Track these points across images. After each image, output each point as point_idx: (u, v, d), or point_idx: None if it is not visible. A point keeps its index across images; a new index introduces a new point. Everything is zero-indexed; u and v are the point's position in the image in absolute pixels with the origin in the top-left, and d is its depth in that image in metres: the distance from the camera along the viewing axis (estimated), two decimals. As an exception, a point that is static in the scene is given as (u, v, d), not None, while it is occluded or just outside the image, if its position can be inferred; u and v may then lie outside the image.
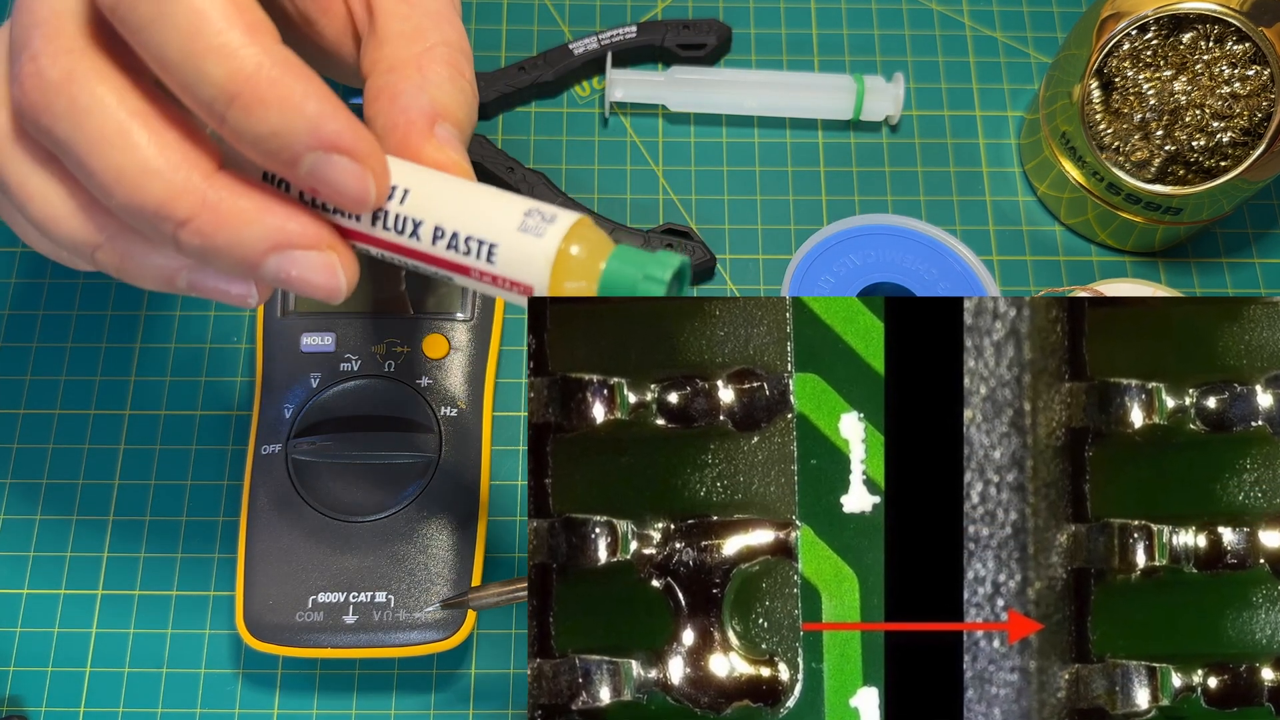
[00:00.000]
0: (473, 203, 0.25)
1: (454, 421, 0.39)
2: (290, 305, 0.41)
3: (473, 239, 0.25)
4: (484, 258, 0.25)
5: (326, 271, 0.25)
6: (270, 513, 0.38)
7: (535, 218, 0.25)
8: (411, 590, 0.37)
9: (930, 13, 0.51)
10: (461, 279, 0.26)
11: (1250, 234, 0.47)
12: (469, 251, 0.25)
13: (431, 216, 0.25)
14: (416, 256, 0.26)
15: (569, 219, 0.25)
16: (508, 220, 0.25)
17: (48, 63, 0.24)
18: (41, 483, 0.42)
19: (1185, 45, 0.40)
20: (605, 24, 0.50)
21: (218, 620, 0.40)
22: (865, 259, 0.40)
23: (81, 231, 0.26)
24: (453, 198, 0.26)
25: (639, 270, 0.24)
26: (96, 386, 0.43)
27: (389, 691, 0.39)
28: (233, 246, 0.25)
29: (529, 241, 0.25)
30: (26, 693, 0.39)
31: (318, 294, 0.26)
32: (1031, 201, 0.47)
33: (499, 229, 0.25)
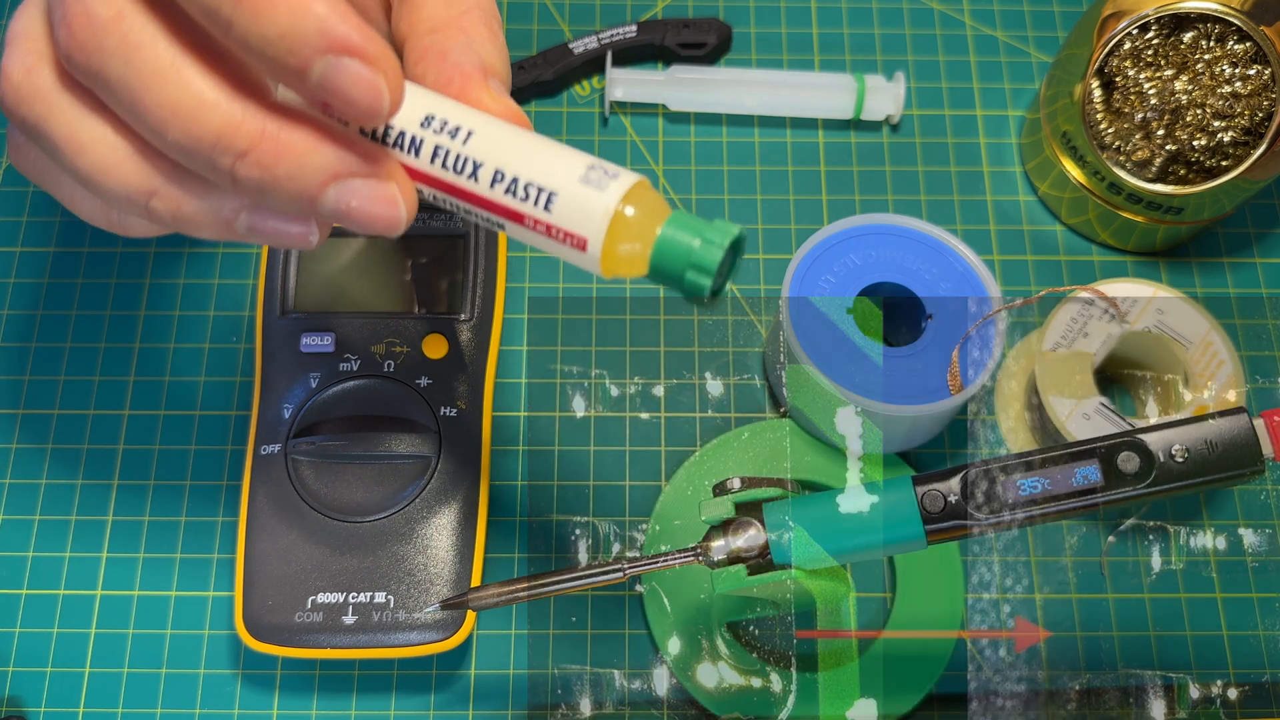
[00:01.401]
0: (536, 150, 0.25)
1: (454, 421, 0.39)
2: (290, 305, 0.41)
3: (532, 185, 0.25)
4: (541, 205, 0.25)
5: (387, 202, 0.25)
6: (269, 513, 0.38)
7: (598, 172, 0.25)
8: (411, 590, 0.37)
9: (931, 12, 0.50)
10: (514, 227, 0.25)
11: (1252, 233, 0.47)
12: (527, 198, 0.25)
13: (493, 159, 0.25)
14: (471, 199, 0.25)
15: (631, 178, 0.25)
16: (570, 170, 0.25)
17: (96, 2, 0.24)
18: (41, 483, 0.42)
19: (1186, 44, 0.40)
20: (605, 23, 0.50)
21: (217, 621, 0.40)
22: (865, 259, 0.40)
23: (135, 177, 0.25)
24: (516, 143, 0.25)
25: (696, 235, 0.24)
26: (96, 386, 0.43)
27: (388, 692, 0.39)
28: (293, 177, 0.24)
29: (589, 194, 0.24)
30: (26, 693, 0.39)
31: (377, 226, 0.25)
32: (1032, 201, 0.47)
33: (560, 178, 0.25)
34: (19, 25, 0.26)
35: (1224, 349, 0.40)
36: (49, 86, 0.25)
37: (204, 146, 0.24)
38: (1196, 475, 0.28)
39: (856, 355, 0.39)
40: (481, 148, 0.25)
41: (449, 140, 0.25)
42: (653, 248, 0.25)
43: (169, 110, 0.24)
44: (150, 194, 0.26)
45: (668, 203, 0.25)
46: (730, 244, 0.25)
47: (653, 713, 0.39)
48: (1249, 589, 0.41)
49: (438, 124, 0.25)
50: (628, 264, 0.25)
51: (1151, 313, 0.40)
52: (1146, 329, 0.40)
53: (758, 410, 0.43)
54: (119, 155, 0.25)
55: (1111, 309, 0.40)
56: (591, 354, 0.44)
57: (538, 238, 0.25)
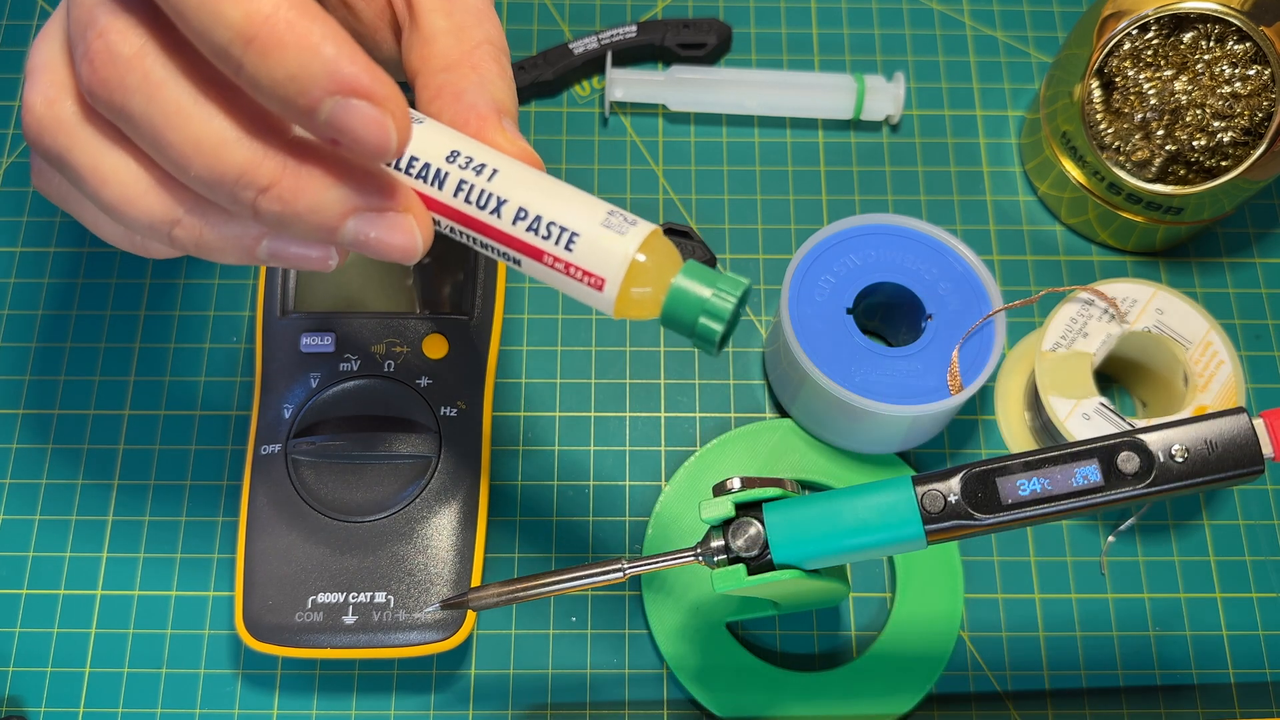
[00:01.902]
0: (559, 192, 0.26)
1: (454, 421, 0.39)
2: (290, 305, 0.40)
3: (555, 225, 0.26)
4: (563, 244, 0.26)
5: (404, 233, 0.26)
6: (270, 513, 0.38)
7: (618, 218, 0.26)
8: (411, 590, 0.37)
9: (931, 12, 0.50)
10: (531, 263, 0.26)
11: (1251, 233, 0.47)
12: (549, 236, 0.26)
13: (517, 197, 0.26)
14: (491, 234, 0.26)
15: (649, 226, 0.26)
16: (592, 214, 0.26)
17: (118, 38, 0.24)
18: (41, 483, 0.42)
19: (1186, 45, 0.40)
20: (605, 23, 0.50)
21: (217, 621, 0.40)
22: (865, 259, 0.40)
23: (158, 208, 0.26)
24: (540, 184, 0.26)
25: (709, 285, 0.26)
26: (96, 386, 0.43)
27: (389, 692, 0.39)
28: (313, 211, 0.25)
29: (610, 237, 0.26)
30: (26, 693, 0.39)
31: (394, 255, 0.26)
32: (1032, 201, 0.47)
33: (583, 220, 0.26)
34: (39, 57, 0.26)
35: (1224, 349, 0.40)
36: (71, 118, 0.26)
37: (226, 182, 0.24)
38: (1196, 475, 0.28)
39: (857, 355, 0.39)
40: (506, 185, 0.26)
41: (474, 176, 0.26)
42: (667, 294, 0.26)
43: (191, 147, 0.24)
44: (173, 223, 0.26)
45: (680, 253, 0.26)
46: (740, 296, 0.26)
47: (653, 713, 0.39)
48: (1249, 589, 0.41)
49: (463, 160, 0.26)
50: (640, 307, 0.26)
51: (1151, 313, 0.40)
52: (1146, 329, 0.40)
53: (758, 410, 0.43)
54: (142, 186, 0.26)
55: (1111, 309, 0.40)
56: (591, 354, 0.44)
57: (554, 275, 0.26)
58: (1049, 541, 0.42)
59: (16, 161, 0.47)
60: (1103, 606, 0.41)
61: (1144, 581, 0.41)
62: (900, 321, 0.42)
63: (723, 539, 0.29)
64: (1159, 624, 0.41)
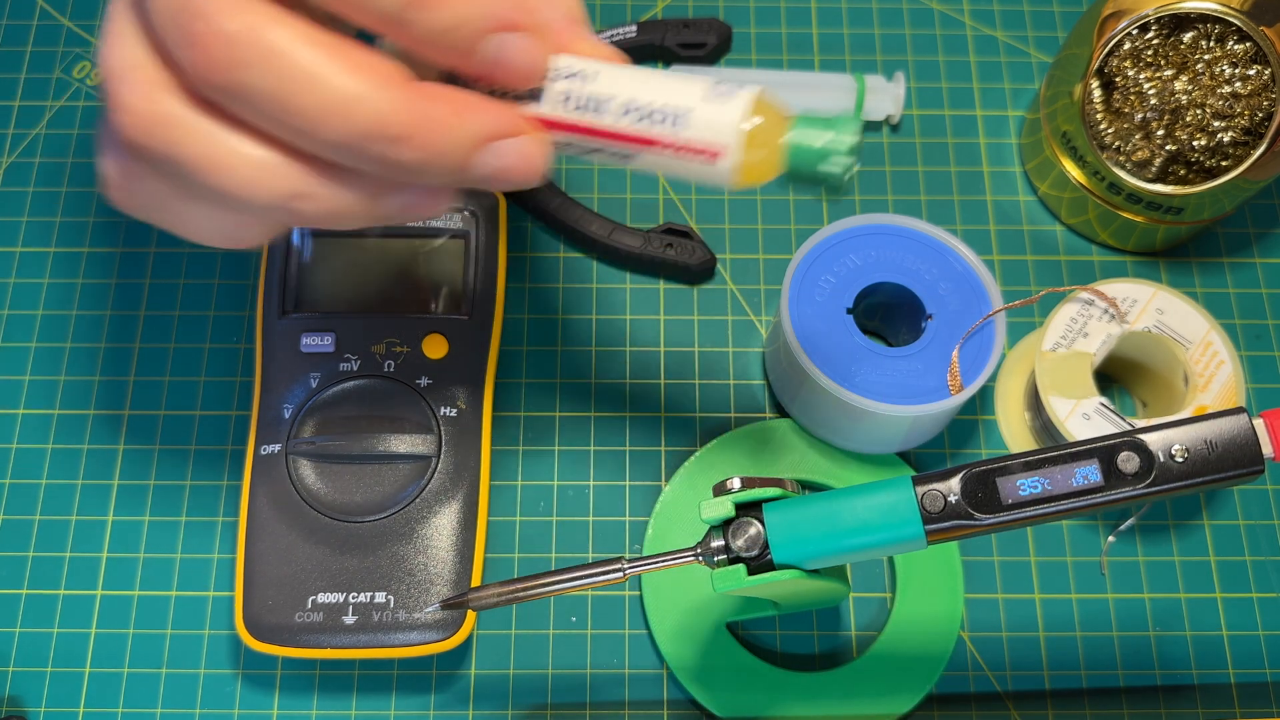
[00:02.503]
0: (658, 79, 0.27)
1: (454, 421, 0.39)
2: (290, 305, 0.41)
3: (662, 110, 0.27)
4: (673, 125, 0.27)
5: (529, 156, 0.27)
6: (270, 513, 0.38)
7: (722, 87, 0.27)
8: (411, 590, 0.37)
9: (931, 12, 0.50)
10: (644, 154, 0.27)
11: (1252, 233, 0.47)
12: (660, 121, 0.27)
13: (622, 93, 0.27)
14: (602, 134, 0.27)
15: (754, 88, 0.27)
16: (695, 89, 0.27)
17: (225, 18, 0.24)
18: (41, 483, 0.42)
19: (1186, 45, 0.40)
20: (605, 23, 0.50)
21: (217, 621, 0.40)
22: (865, 259, 0.40)
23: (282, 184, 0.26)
24: (638, 76, 0.27)
25: (826, 128, 0.26)
26: (96, 386, 0.43)
27: (389, 692, 0.39)
28: (445, 152, 0.25)
29: (719, 107, 0.26)
30: (26, 693, 0.39)
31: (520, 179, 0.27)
32: (1032, 201, 0.47)
33: (688, 97, 0.27)
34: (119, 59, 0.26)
35: (1224, 349, 0.40)
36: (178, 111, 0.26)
37: (358, 139, 0.25)
38: (1196, 475, 0.28)
39: (856, 355, 0.39)
40: (606, 85, 0.27)
41: (577, 85, 0.27)
42: (788, 148, 0.27)
43: (319, 111, 0.24)
44: (297, 196, 0.26)
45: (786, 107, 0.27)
46: (858, 129, 0.27)
47: (653, 713, 0.39)
48: (1249, 589, 0.41)
49: (562, 71, 0.27)
50: (759, 170, 0.27)
51: (1151, 313, 0.40)
52: (1146, 329, 0.40)
53: (758, 410, 0.43)
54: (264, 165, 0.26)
55: (1111, 309, 0.40)
56: (592, 353, 0.44)
57: (667, 160, 0.27)
58: (1049, 541, 0.42)
59: (17, 161, 0.47)
60: (1103, 606, 0.41)
61: (1144, 581, 0.41)
62: (900, 321, 0.42)
63: (723, 539, 0.29)
64: (1159, 624, 0.41)
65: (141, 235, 0.45)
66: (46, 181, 0.46)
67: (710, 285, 0.45)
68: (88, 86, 0.48)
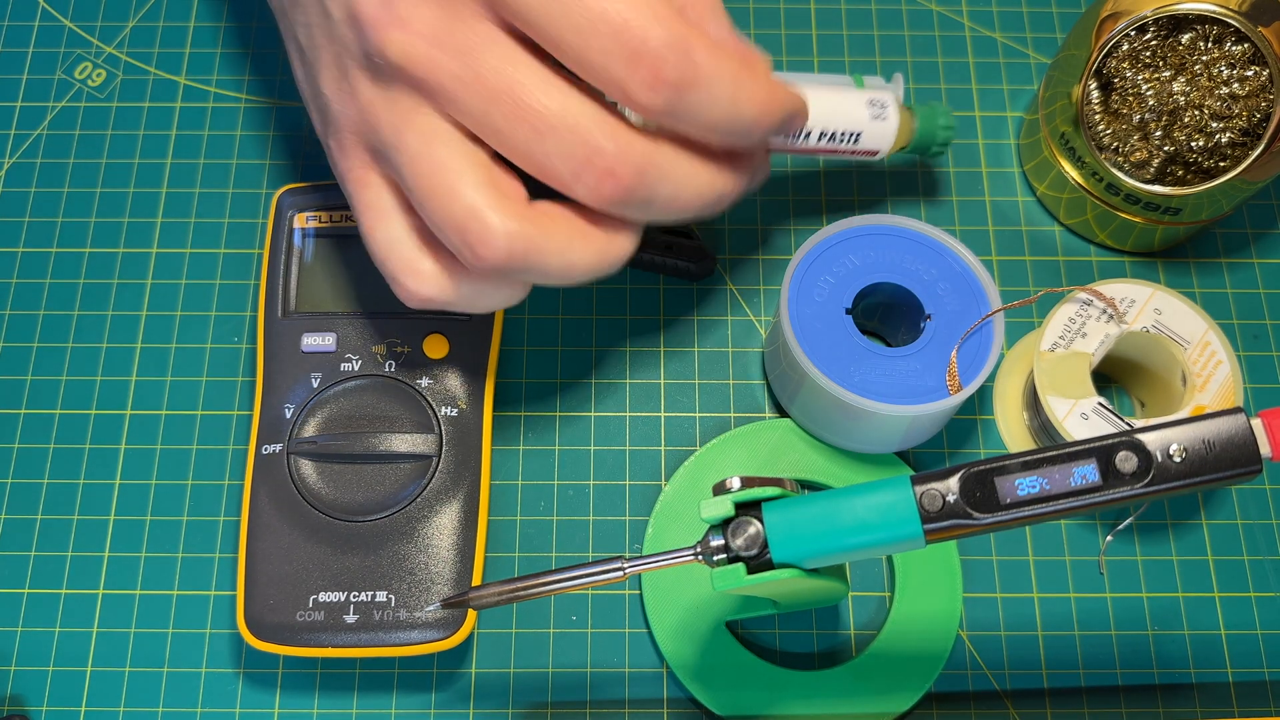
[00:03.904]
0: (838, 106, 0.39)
1: (454, 421, 0.39)
2: (291, 305, 0.41)
3: (843, 134, 0.39)
4: (850, 142, 0.39)
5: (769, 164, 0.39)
6: (271, 512, 0.38)
7: (876, 107, 0.39)
8: (412, 590, 0.37)
9: (930, 13, 0.51)
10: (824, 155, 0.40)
11: (1250, 234, 0.47)
12: (841, 140, 0.39)
13: (817, 124, 0.39)
14: (802, 151, 0.39)
15: (897, 104, 0.40)
16: (862, 114, 0.39)
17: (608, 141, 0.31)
18: (43, 483, 0.42)
19: (1184, 46, 0.40)
20: (605, 24, 0.50)
21: (218, 620, 0.40)
22: (865, 259, 0.40)
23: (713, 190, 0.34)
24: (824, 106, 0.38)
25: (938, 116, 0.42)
26: (97, 386, 0.43)
27: (389, 691, 0.39)
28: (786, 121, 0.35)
29: (880, 125, 0.40)
30: (27, 692, 0.39)
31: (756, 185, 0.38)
32: (1031, 202, 0.47)
33: (859, 121, 0.39)
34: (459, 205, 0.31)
35: (1222, 349, 0.40)
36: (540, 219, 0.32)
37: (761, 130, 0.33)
38: (1194, 475, 0.28)
39: (855, 355, 0.39)
40: (811, 118, 0.38)
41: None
42: (914, 139, 0.41)
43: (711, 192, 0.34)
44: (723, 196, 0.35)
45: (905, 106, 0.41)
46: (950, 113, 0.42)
47: (653, 711, 0.39)
48: (1247, 588, 0.41)
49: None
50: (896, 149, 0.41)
51: (1149, 313, 0.41)
52: (1144, 329, 0.40)
53: (758, 410, 0.43)
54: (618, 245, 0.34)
55: (1110, 309, 0.41)
56: (592, 353, 0.44)
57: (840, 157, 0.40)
58: (1047, 541, 0.42)
59: (19, 162, 0.47)
60: (1101, 605, 0.41)
61: (1142, 581, 0.41)
62: (899, 322, 0.42)
63: (722, 538, 0.30)
64: (1157, 623, 0.41)
65: (143, 236, 0.45)
66: (48, 182, 0.46)
67: (710, 285, 0.45)
68: (89, 88, 0.48)
